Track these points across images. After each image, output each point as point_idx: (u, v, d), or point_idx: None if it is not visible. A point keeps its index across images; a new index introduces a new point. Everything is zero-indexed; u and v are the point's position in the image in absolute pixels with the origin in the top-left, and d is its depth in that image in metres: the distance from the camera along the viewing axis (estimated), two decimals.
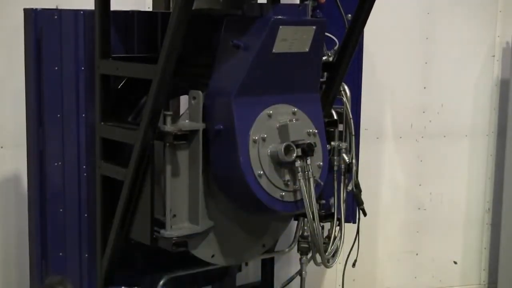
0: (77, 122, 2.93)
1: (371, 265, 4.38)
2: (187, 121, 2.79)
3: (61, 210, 2.95)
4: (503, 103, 4.45)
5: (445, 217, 4.50)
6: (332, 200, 3.21)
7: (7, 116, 3.57)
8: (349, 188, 3.25)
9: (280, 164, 2.79)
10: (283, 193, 2.81)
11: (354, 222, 3.36)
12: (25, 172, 3.07)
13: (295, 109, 2.86)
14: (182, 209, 2.74)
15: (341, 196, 3.22)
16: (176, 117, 2.91)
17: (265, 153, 2.77)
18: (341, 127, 3.19)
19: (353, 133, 3.23)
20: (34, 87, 2.93)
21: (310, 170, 2.82)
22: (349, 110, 3.22)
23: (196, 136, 2.73)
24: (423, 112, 4.37)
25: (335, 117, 3.16)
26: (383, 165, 4.35)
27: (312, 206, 2.84)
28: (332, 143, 3.15)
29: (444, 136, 4.44)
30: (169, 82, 2.65)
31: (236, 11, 2.84)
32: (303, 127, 2.86)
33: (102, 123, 2.82)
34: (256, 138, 2.74)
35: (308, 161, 2.81)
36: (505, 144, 4.42)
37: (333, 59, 3.13)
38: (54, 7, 3.17)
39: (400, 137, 4.36)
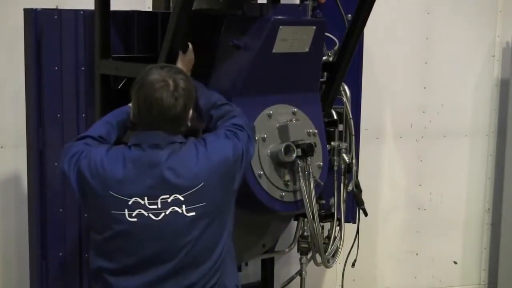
0: (77, 122, 2.94)
1: (371, 265, 4.38)
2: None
3: (61, 210, 2.95)
4: (503, 103, 4.45)
5: (445, 217, 4.50)
6: (332, 200, 3.21)
7: (7, 116, 3.56)
8: (350, 188, 3.25)
9: (280, 164, 2.79)
10: (283, 193, 2.82)
11: (354, 222, 3.36)
12: (25, 172, 3.07)
13: (295, 109, 2.86)
14: None
15: (341, 196, 3.22)
16: None
17: (265, 153, 2.77)
18: (341, 127, 3.19)
19: (353, 133, 3.23)
20: (34, 87, 2.93)
21: (310, 170, 2.82)
22: (349, 110, 3.22)
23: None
24: (423, 112, 4.37)
25: (335, 117, 3.17)
26: (383, 165, 4.35)
27: (312, 206, 2.85)
28: (332, 143, 3.15)
29: (444, 136, 4.44)
30: None
31: (236, 11, 2.84)
32: (303, 127, 2.86)
33: None
34: (256, 138, 2.74)
35: (308, 161, 2.81)
36: (505, 144, 4.42)
37: (333, 59, 3.13)
38: (54, 7, 3.18)
39: (400, 137, 4.36)
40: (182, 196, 2.21)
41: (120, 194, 2.21)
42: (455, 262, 4.57)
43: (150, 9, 3.47)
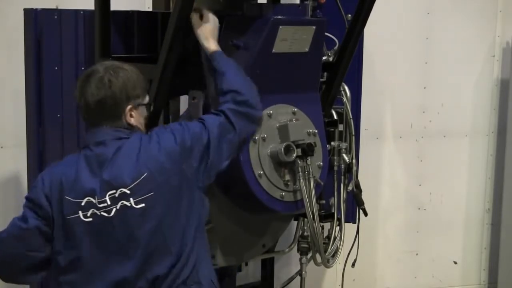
0: (77, 122, 2.93)
1: (371, 265, 4.38)
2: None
3: None
4: (503, 103, 4.45)
5: (445, 217, 4.50)
6: (332, 200, 3.21)
7: (7, 116, 3.56)
8: (350, 188, 3.25)
9: (280, 164, 2.79)
10: (283, 193, 2.82)
11: (354, 222, 3.36)
12: (25, 172, 3.07)
13: (295, 109, 2.86)
14: None
15: (341, 196, 3.22)
16: (176, 117, 2.92)
17: (265, 153, 2.77)
18: (341, 127, 3.19)
19: (353, 133, 3.23)
20: (34, 87, 2.93)
21: (310, 170, 2.82)
22: (349, 110, 3.22)
23: None
24: (423, 112, 4.37)
25: (335, 117, 3.16)
26: (383, 165, 4.35)
27: (312, 206, 2.85)
28: (332, 143, 3.15)
29: (444, 136, 4.44)
30: (169, 82, 2.66)
31: (236, 11, 2.84)
32: (303, 127, 2.86)
33: None
34: (256, 138, 2.74)
35: (308, 161, 2.81)
36: (505, 144, 4.42)
37: (333, 59, 3.13)
38: (54, 7, 3.18)
39: (400, 137, 4.36)
40: (128, 189, 2.22)
41: (74, 197, 2.23)
42: (455, 262, 4.57)
43: (150, 9, 3.47)
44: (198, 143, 2.31)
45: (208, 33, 2.60)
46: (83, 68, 2.90)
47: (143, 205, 2.23)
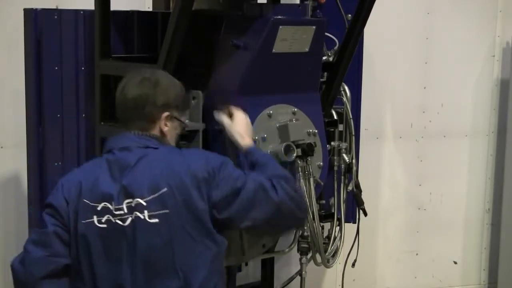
0: (77, 122, 2.94)
1: (371, 265, 4.38)
2: (187, 121, 2.80)
3: None
4: (503, 103, 4.45)
5: (445, 217, 4.50)
6: (332, 200, 3.21)
7: (7, 116, 3.56)
8: (350, 188, 3.25)
9: (280, 164, 2.78)
10: None
11: (354, 222, 3.36)
12: (25, 172, 3.07)
13: (295, 109, 2.86)
14: None
15: (341, 196, 3.22)
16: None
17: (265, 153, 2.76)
18: (341, 127, 3.19)
19: (353, 133, 3.23)
20: (34, 87, 2.93)
21: (310, 170, 2.82)
22: (349, 110, 3.22)
23: (196, 136, 2.73)
24: (423, 112, 4.37)
25: (335, 117, 3.17)
26: (383, 165, 4.35)
27: (312, 206, 2.85)
28: (332, 143, 3.15)
29: (444, 136, 4.44)
30: None
31: (236, 11, 2.84)
32: (303, 127, 2.86)
33: (102, 123, 2.82)
34: (256, 138, 2.74)
35: (308, 161, 2.81)
36: (505, 144, 4.42)
37: (333, 59, 3.13)
38: (54, 7, 3.18)
39: (400, 137, 4.36)
40: (144, 201, 2.14)
41: (91, 201, 2.17)
42: (455, 262, 4.57)
43: (150, 9, 3.47)
44: (226, 185, 2.20)
45: (243, 131, 2.55)
46: (83, 68, 2.90)
47: (156, 220, 2.14)
